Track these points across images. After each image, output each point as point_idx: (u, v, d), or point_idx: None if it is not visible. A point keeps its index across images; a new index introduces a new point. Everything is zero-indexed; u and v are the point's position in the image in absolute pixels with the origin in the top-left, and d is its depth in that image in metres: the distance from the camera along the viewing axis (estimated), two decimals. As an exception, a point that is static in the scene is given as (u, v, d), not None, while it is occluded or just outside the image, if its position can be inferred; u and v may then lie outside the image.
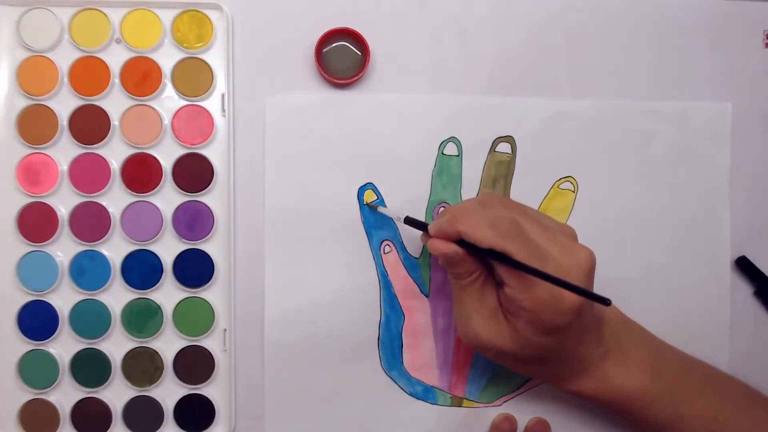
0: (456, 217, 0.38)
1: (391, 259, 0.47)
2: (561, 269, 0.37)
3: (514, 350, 0.39)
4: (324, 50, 0.46)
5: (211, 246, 0.46)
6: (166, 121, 0.46)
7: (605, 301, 0.33)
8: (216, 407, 0.47)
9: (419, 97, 0.47)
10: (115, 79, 0.46)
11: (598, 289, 0.48)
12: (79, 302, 0.46)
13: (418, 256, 0.47)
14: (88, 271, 0.46)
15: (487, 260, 0.39)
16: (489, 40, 0.48)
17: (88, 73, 0.46)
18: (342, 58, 0.46)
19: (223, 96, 0.46)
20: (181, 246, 0.46)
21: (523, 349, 0.39)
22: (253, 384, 0.47)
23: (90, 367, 0.46)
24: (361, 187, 0.47)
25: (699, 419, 0.42)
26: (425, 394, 0.48)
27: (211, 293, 0.47)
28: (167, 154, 0.46)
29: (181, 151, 0.46)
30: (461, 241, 0.38)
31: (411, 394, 0.48)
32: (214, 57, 0.46)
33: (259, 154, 0.47)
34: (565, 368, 0.41)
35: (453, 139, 0.47)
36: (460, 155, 0.47)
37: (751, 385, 0.45)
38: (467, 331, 0.40)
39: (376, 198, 0.47)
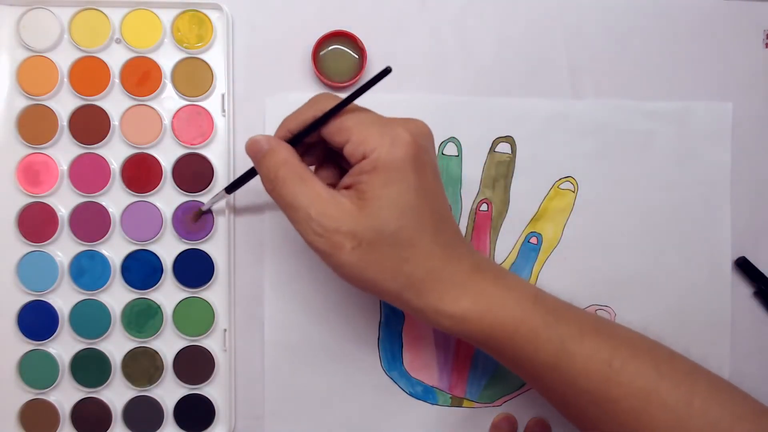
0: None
1: (391, 260, 0.47)
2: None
3: (363, 227, 0.35)
4: (320, 54, 0.46)
5: (211, 246, 0.46)
6: (166, 121, 0.46)
7: (387, 70, 0.35)
8: (216, 407, 0.47)
9: (419, 97, 0.47)
10: (115, 79, 0.46)
11: (599, 289, 0.48)
12: (79, 302, 0.46)
13: (418, 256, 0.47)
14: (88, 271, 0.46)
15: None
16: (489, 40, 0.48)
17: (88, 73, 0.46)
18: (338, 61, 0.46)
19: (223, 96, 0.46)
20: (181, 246, 0.46)
21: (374, 217, 0.35)
22: (253, 384, 0.47)
23: (90, 367, 0.46)
24: (361, 187, 0.47)
25: (592, 360, 0.36)
26: (425, 394, 0.48)
27: (211, 293, 0.47)
28: (167, 154, 0.46)
29: (181, 151, 0.46)
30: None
31: (411, 395, 0.48)
32: (214, 57, 0.46)
33: (259, 154, 0.46)
34: (430, 270, 0.36)
35: (453, 139, 0.47)
36: (459, 155, 0.47)
37: (731, 381, 0.41)
38: (310, 224, 0.35)
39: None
